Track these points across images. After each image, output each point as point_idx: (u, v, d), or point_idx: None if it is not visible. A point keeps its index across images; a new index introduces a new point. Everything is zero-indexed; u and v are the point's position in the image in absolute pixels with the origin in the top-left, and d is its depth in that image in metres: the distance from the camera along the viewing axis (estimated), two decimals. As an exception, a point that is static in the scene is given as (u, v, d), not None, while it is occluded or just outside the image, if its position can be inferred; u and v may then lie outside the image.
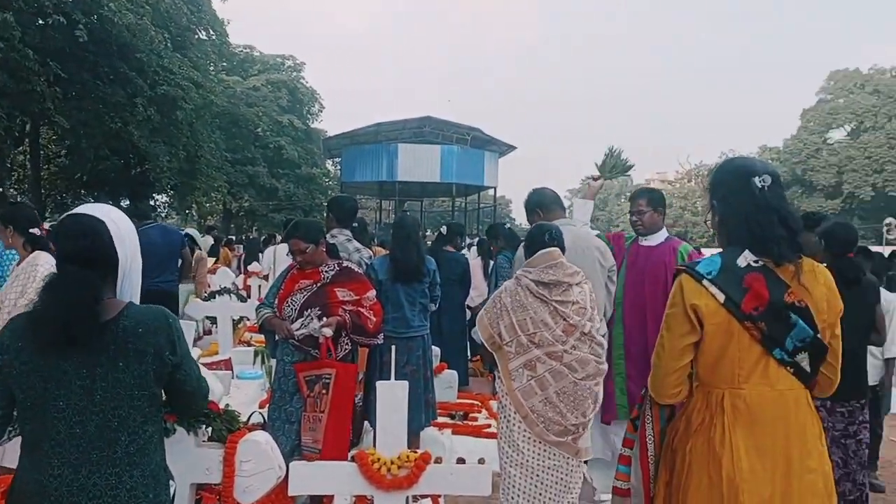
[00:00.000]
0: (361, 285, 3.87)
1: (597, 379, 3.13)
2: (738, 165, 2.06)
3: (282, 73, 38.36)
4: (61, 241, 1.83)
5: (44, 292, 1.74)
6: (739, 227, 1.97)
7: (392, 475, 2.92)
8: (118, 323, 1.76)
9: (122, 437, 1.76)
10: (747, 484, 1.87)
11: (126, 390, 1.75)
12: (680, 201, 59.11)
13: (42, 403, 1.72)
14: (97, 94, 17.79)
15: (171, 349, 1.80)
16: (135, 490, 1.77)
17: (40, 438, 1.73)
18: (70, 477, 1.72)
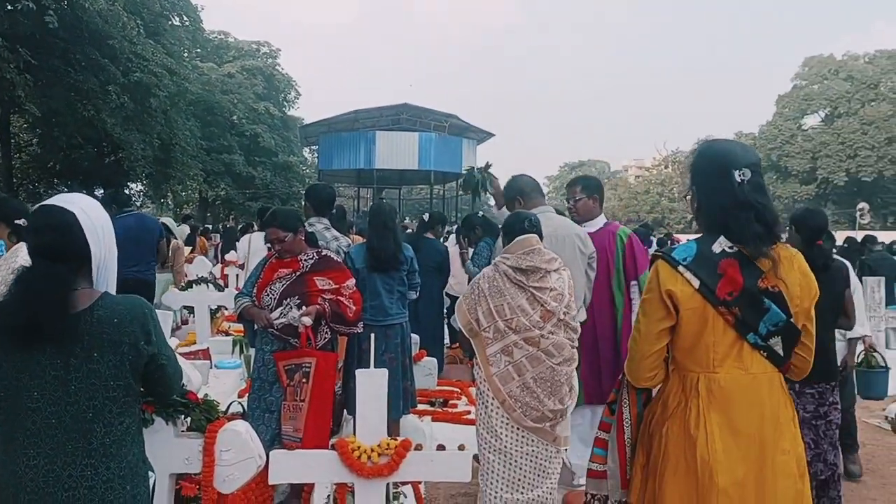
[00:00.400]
0: (341, 274, 3.86)
1: (573, 365, 3.16)
2: (719, 154, 2.05)
3: (257, 60, 37.91)
4: (32, 235, 1.81)
5: (13, 286, 1.73)
6: (716, 216, 2.00)
7: (373, 463, 2.94)
8: (93, 313, 1.74)
9: (97, 429, 1.75)
10: (721, 465, 1.90)
11: (101, 381, 1.73)
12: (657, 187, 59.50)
13: (16, 394, 1.71)
14: (69, 82, 17.44)
15: (146, 339, 1.79)
16: (111, 482, 1.76)
17: (14, 430, 1.72)
18: (45, 468, 1.71)
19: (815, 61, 47.24)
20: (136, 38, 18.79)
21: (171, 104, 21.83)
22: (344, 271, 3.91)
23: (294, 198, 33.36)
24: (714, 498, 1.90)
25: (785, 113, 47.68)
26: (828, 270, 3.48)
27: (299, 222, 3.86)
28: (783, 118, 47.47)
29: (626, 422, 2.18)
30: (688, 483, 1.94)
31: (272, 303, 3.73)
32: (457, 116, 29.55)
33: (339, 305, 3.71)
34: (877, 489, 4.52)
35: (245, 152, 33.23)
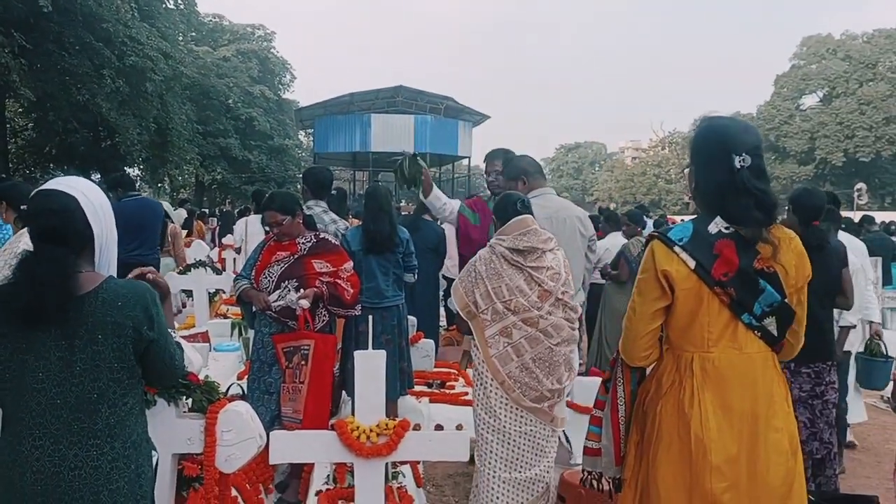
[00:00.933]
0: (338, 256, 3.87)
1: (571, 345, 3.18)
2: (719, 135, 2.03)
3: (252, 43, 37.66)
4: (33, 219, 1.81)
5: (16, 270, 1.74)
6: (714, 199, 2.00)
7: (371, 443, 2.97)
8: (97, 296, 1.76)
9: (102, 409, 1.77)
10: (715, 443, 1.93)
11: (105, 363, 1.75)
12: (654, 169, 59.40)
13: (21, 375, 1.73)
14: (63, 66, 17.36)
15: (149, 323, 1.81)
16: (116, 461, 1.78)
17: (20, 410, 1.74)
18: (51, 448, 1.73)
19: (813, 41, 47.00)
20: (131, 22, 18.66)
21: (167, 88, 21.74)
22: (341, 254, 3.93)
23: (290, 181, 33.30)
24: (707, 475, 1.93)
25: (783, 93, 47.50)
26: (823, 250, 3.48)
27: (297, 205, 3.86)
28: (781, 98, 47.30)
29: (620, 399, 2.21)
30: (681, 461, 1.97)
31: (270, 285, 3.74)
32: (452, 99, 29.45)
33: (336, 288, 3.73)
34: (871, 467, 4.58)
35: (240, 136, 33.12)
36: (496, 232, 3.24)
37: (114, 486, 1.78)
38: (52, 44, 17.07)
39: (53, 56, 17.18)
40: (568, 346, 3.15)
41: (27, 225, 1.85)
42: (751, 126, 2.17)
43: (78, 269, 1.77)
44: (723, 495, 1.93)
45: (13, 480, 1.74)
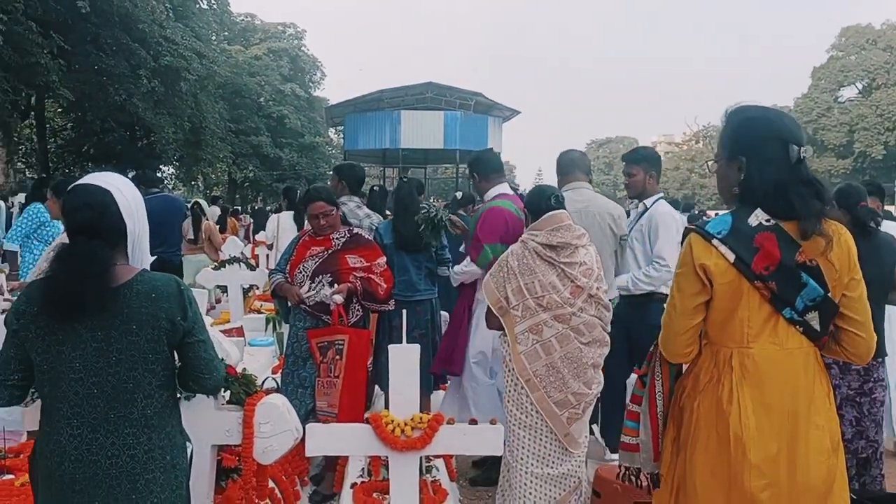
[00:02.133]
0: (372, 251, 3.90)
1: (602, 349, 3.14)
2: (774, 125, 1.97)
3: (283, 42, 37.99)
4: (69, 213, 1.85)
5: (54, 263, 1.79)
6: (768, 192, 1.93)
7: (406, 436, 2.99)
8: (132, 287, 1.80)
9: (138, 399, 1.81)
10: (754, 441, 1.90)
11: (140, 353, 1.79)
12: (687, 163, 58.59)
13: (58, 365, 1.77)
14: (100, 66, 17.74)
15: (182, 315, 1.84)
16: (152, 451, 1.82)
17: (58, 400, 1.79)
18: (88, 437, 1.77)
19: (852, 31, 45.85)
20: (165, 22, 18.99)
21: (200, 87, 22.07)
22: (375, 249, 3.95)
23: (320, 178, 33.53)
24: (746, 473, 1.90)
25: (821, 85, 46.44)
26: (874, 240, 3.40)
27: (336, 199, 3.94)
28: (819, 90, 46.25)
29: (658, 395, 2.18)
30: (719, 458, 1.94)
31: (304, 280, 3.78)
32: (482, 94, 29.36)
33: (370, 283, 3.76)
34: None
35: (272, 134, 33.45)
36: (528, 227, 3.22)
37: (150, 476, 1.82)
38: (90, 44, 17.45)
39: (91, 57, 17.56)
40: (599, 348, 3.12)
41: (64, 219, 1.88)
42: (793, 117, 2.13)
43: (113, 262, 1.81)
44: (761, 493, 1.90)
45: (52, 468, 1.78)
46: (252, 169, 33.44)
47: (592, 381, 3.10)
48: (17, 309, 1.81)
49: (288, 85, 34.70)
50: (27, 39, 14.52)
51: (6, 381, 1.84)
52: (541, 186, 3.38)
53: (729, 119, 2.07)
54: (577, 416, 3.07)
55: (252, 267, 7.10)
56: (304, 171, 34.82)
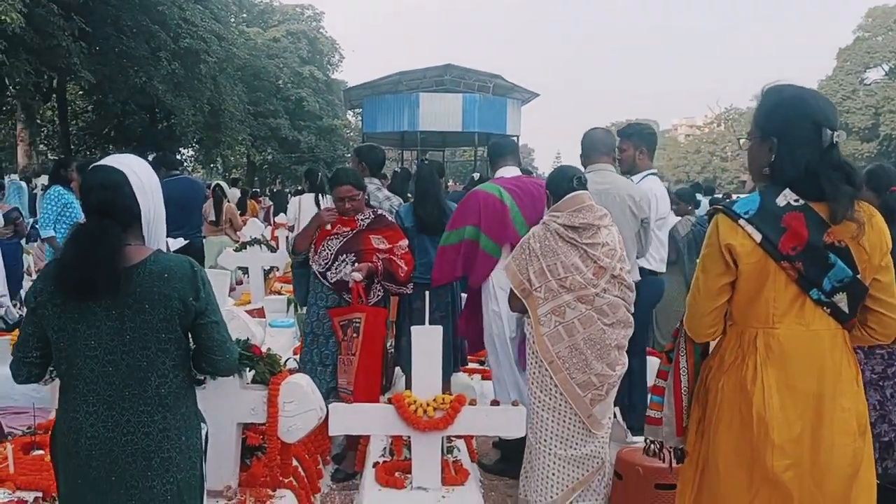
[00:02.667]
0: (394, 233, 3.92)
1: (626, 330, 3.12)
2: (807, 105, 1.95)
3: (301, 24, 37.87)
4: (85, 193, 1.88)
5: (68, 242, 1.81)
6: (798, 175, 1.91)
7: (428, 417, 3.02)
8: (145, 267, 1.82)
9: (151, 378, 1.83)
10: (777, 421, 1.89)
11: (153, 332, 1.81)
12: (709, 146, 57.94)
13: (74, 344, 1.80)
14: (121, 49, 17.82)
15: (194, 295, 1.85)
16: (167, 431, 1.85)
17: (75, 378, 1.82)
18: (104, 414, 1.80)
19: (878, 11, 44.85)
20: (185, 4, 19.04)
21: (220, 70, 22.11)
22: (397, 231, 3.97)
23: (338, 161, 33.54)
24: (769, 453, 1.90)
25: (846, 67, 45.58)
26: None
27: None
28: (844, 72, 45.41)
29: (682, 371, 2.19)
30: (742, 438, 1.94)
31: (329, 258, 3.80)
32: (501, 77, 29.11)
33: (391, 264, 3.77)
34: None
35: (290, 116, 33.46)
36: (550, 208, 3.20)
37: (165, 455, 1.84)
38: (110, 27, 17.52)
39: (111, 39, 17.65)
40: (623, 329, 3.11)
41: (80, 199, 1.89)
42: (828, 99, 2.10)
43: (126, 242, 1.82)
44: (784, 473, 1.90)
45: (70, 445, 1.82)
46: (270, 151, 33.53)
47: (616, 363, 3.09)
48: (36, 288, 1.84)
49: (306, 67, 34.65)
50: (49, 21, 14.63)
51: (25, 359, 1.88)
52: (562, 167, 3.35)
53: (764, 97, 2.04)
54: (601, 398, 3.07)
55: (273, 249, 7.15)
56: (322, 154, 34.84)
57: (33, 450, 3.07)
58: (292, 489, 3.03)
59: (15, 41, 13.96)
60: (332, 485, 3.75)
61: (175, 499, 1.87)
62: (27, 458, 2.91)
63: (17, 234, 6.79)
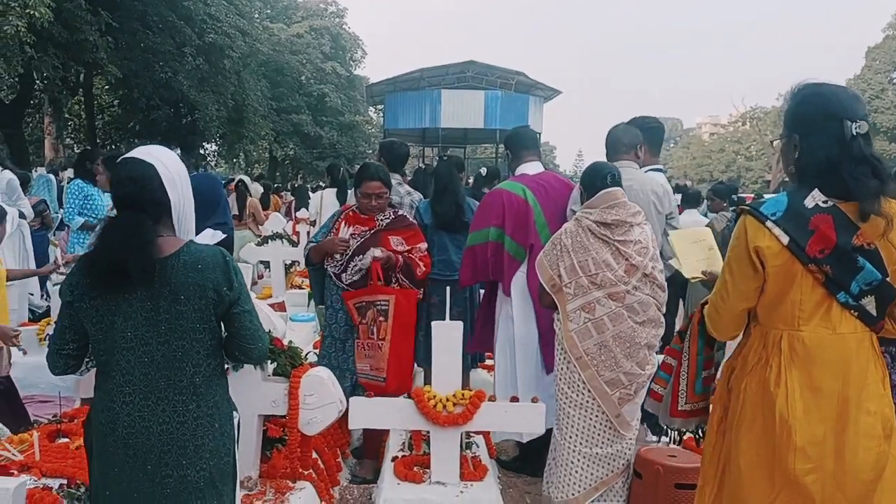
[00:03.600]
0: (414, 234, 3.85)
1: (656, 329, 3.09)
2: (830, 101, 1.92)
3: (324, 20, 37.99)
4: (115, 186, 1.90)
5: (100, 235, 1.84)
6: (822, 169, 1.88)
7: (447, 412, 3.02)
8: (178, 258, 1.84)
9: (186, 368, 1.86)
10: (800, 424, 1.88)
11: (188, 323, 1.84)
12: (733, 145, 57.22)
13: (111, 335, 1.83)
14: (147, 44, 18.01)
15: (228, 285, 1.87)
16: (200, 419, 1.88)
17: (112, 368, 1.85)
18: (140, 403, 1.83)
19: (910, 9, 43.97)
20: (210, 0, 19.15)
21: (243, 65, 22.26)
22: (417, 232, 3.89)
23: (360, 157, 33.66)
24: (791, 456, 1.88)
25: (874, 66, 44.75)
26: None
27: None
28: (873, 71, 44.58)
29: (685, 355, 2.24)
30: (764, 440, 1.93)
31: (344, 259, 3.72)
32: (524, 73, 29.01)
33: (411, 261, 3.72)
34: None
35: (312, 112, 33.60)
36: (583, 204, 3.17)
37: (199, 442, 1.87)
38: (137, 22, 17.70)
39: (138, 34, 17.84)
40: (654, 328, 3.08)
41: (111, 192, 1.92)
42: (858, 94, 2.05)
43: (158, 234, 1.85)
44: (806, 477, 1.88)
45: (106, 434, 1.85)
46: (292, 147, 33.70)
47: (646, 362, 3.06)
48: (71, 282, 1.87)
49: (329, 63, 34.77)
50: (77, 16, 14.82)
51: (61, 351, 1.91)
52: (597, 164, 3.31)
53: (790, 96, 2.02)
54: (630, 398, 3.05)
55: (294, 243, 7.20)
56: (343, 150, 34.95)
57: (59, 437, 3.12)
58: (312, 481, 3.05)
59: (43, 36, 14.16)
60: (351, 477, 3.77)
61: (208, 486, 1.90)
62: (53, 446, 2.96)
63: (44, 226, 6.92)
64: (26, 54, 13.40)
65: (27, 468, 2.65)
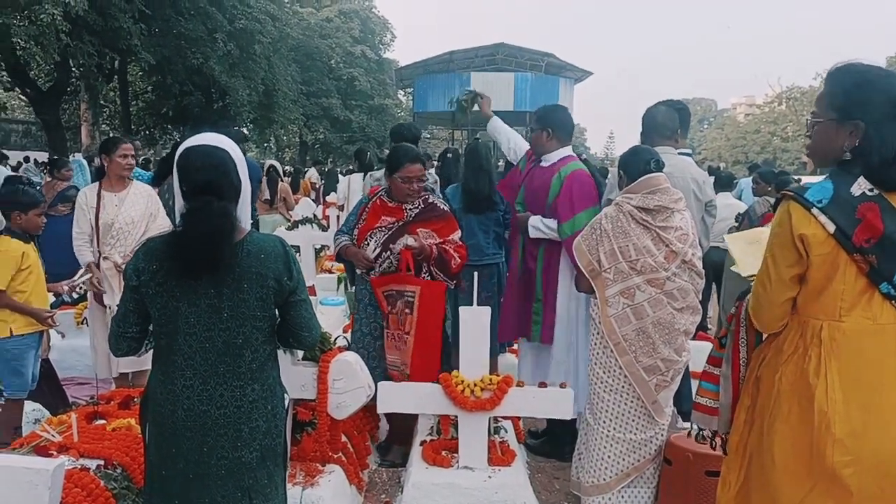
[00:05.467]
0: (446, 224, 3.67)
1: (694, 316, 3.06)
2: (892, 88, 1.83)
3: (353, 3, 38.02)
4: (193, 174, 1.88)
5: (188, 222, 1.82)
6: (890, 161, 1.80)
7: (475, 397, 3.03)
8: (243, 247, 1.87)
9: (245, 353, 1.89)
10: (839, 416, 1.83)
11: (249, 310, 1.87)
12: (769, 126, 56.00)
13: (174, 320, 1.86)
14: (179, 30, 18.21)
15: (288, 274, 1.90)
16: (256, 402, 1.91)
17: (173, 352, 1.88)
18: (200, 388, 1.87)
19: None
20: (240, -16, 19.27)
21: (274, 50, 22.39)
22: (449, 221, 3.71)
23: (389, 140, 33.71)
24: (830, 448, 1.84)
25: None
26: None
27: None
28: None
29: (742, 361, 2.14)
30: (801, 431, 1.89)
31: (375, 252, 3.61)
32: (553, 55, 28.75)
33: (445, 253, 3.57)
34: None
35: (342, 96, 33.74)
36: (623, 189, 3.13)
37: (253, 424, 1.91)
38: (169, 9, 17.91)
39: (170, 21, 18.04)
40: (692, 315, 3.04)
41: (184, 178, 1.89)
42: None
43: (237, 225, 1.87)
44: (844, 469, 1.83)
45: (165, 415, 1.89)
46: (322, 131, 33.90)
47: (682, 349, 3.03)
48: (137, 266, 1.88)
49: (358, 47, 34.83)
50: (111, 4, 15.05)
51: (125, 334, 1.94)
52: (638, 148, 3.25)
53: (840, 78, 1.91)
54: (666, 384, 3.02)
55: (323, 227, 7.25)
56: (373, 134, 35.07)
57: (96, 419, 3.20)
58: (341, 464, 3.09)
59: (79, 24, 14.41)
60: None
61: (260, 465, 1.94)
62: (90, 427, 3.03)
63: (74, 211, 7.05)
64: (62, 42, 13.65)
65: (66, 449, 2.71)
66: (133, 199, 4.20)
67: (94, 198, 4.16)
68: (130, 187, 4.24)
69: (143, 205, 4.22)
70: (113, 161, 4.17)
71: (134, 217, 4.16)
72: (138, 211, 4.18)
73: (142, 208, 4.20)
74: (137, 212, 4.18)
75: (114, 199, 4.17)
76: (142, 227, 4.15)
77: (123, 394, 3.49)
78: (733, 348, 2.16)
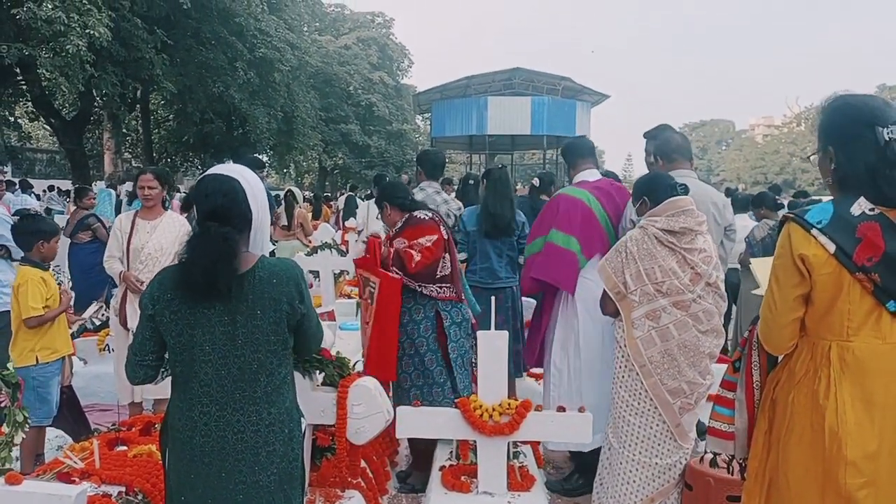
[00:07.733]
0: (416, 230, 3.64)
1: (718, 339, 3.05)
2: (860, 109, 1.90)
3: (372, 31, 38.59)
4: (201, 200, 1.94)
5: (189, 248, 1.88)
6: (860, 176, 1.86)
7: (494, 421, 3.02)
8: (255, 274, 1.91)
9: (261, 378, 1.93)
10: (851, 437, 1.83)
11: (263, 335, 1.90)
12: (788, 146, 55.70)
13: (190, 348, 1.90)
14: (200, 59, 18.59)
15: (300, 298, 1.95)
16: (273, 426, 1.94)
17: (189, 379, 1.92)
18: (217, 414, 1.90)
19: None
20: (260, 15, 19.69)
21: (293, 78, 22.78)
22: (421, 228, 3.64)
23: (407, 165, 33.98)
24: (841, 470, 1.83)
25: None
26: None
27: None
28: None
29: (756, 385, 2.13)
30: (813, 453, 1.88)
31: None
32: (570, 79, 28.82)
33: (404, 254, 3.55)
34: None
35: (360, 122, 34.12)
36: (647, 213, 3.14)
37: (271, 448, 1.94)
38: (191, 39, 18.33)
39: (192, 51, 18.45)
40: (716, 338, 3.03)
41: (197, 205, 1.95)
42: (885, 99, 2.02)
43: (242, 248, 1.91)
44: (858, 492, 1.82)
45: (184, 441, 1.93)
46: (341, 156, 34.25)
47: (707, 372, 3.02)
48: (153, 295, 1.93)
49: (376, 73, 35.27)
50: (134, 35, 15.44)
51: (142, 362, 1.99)
52: (658, 174, 3.29)
53: (821, 111, 2.01)
54: (690, 407, 3.00)
55: (342, 253, 7.29)
56: (392, 159, 35.38)
57: (117, 445, 3.23)
58: (360, 490, 3.09)
59: (103, 54, 14.76)
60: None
61: (278, 489, 1.96)
62: (112, 454, 3.06)
63: (97, 239, 7.17)
64: (87, 72, 13.97)
65: (88, 475, 2.74)
66: (165, 227, 4.35)
67: (128, 224, 4.36)
68: (164, 216, 4.42)
69: (175, 233, 4.35)
70: (137, 192, 4.42)
71: (164, 244, 4.29)
72: (168, 239, 4.31)
73: (172, 236, 4.33)
74: (168, 239, 4.31)
75: (146, 226, 4.35)
76: (171, 253, 4.25)
77: (145, 420, 3.52)
78: (746, 372, 2.17)
